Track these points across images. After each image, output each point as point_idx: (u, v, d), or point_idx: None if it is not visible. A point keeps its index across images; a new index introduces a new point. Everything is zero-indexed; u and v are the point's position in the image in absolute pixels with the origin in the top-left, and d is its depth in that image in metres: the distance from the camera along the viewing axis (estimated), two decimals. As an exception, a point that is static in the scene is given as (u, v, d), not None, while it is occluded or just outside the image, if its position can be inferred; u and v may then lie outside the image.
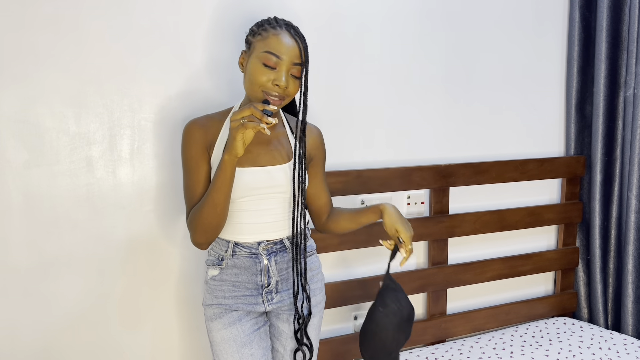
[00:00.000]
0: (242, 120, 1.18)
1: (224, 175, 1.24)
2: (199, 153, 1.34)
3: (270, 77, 1.27)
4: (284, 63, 1.27)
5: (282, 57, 1.27)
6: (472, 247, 2.13)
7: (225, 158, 1.22)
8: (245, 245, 1.36)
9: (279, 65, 1.27)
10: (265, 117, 1.18)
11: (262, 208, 1.35)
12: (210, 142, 1.35)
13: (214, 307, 1.38)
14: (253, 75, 1.28)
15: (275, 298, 1.39)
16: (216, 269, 1.39)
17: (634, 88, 2.10)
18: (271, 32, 1.29)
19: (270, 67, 1.27)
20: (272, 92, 1.28)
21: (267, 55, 1.27)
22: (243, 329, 1.36)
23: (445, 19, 1.97)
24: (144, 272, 1.63)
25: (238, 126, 1.18)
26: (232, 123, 1.19)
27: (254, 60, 1.29)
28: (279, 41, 1.27)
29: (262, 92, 1.28)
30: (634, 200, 2.09)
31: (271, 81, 1.27)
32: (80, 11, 1.47)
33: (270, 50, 1.27)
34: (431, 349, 1.98)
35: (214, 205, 1.26)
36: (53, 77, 1.46)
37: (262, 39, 1.29)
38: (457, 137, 2.06)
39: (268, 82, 1.27)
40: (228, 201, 1.28)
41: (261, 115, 1.18)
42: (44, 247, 1.51)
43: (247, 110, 1.18)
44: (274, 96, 1.28)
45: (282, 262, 1.39)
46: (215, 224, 1.29)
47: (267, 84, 1.27)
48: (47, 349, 1.55)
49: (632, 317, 2.13)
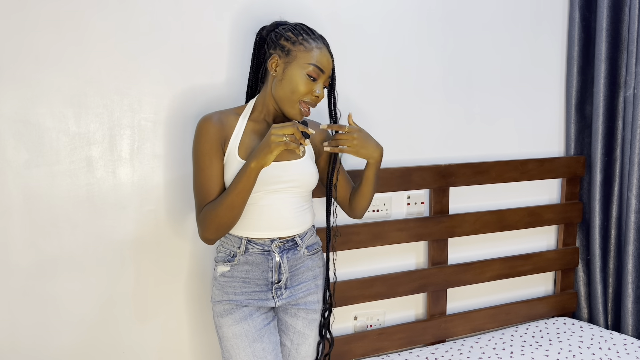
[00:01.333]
0: (285, 139, 1.23)
1: (248, 182, 1.28)
2: (213, 149, 1.35)
3: (312, 88, 1.35)
4: (324, 77, 1.36)
5: (325, 72, 1.35)
6: (472, 247, 2.13)
7: (252, 166, 1.26)
8: (258, 242, 1.38)
9: (320, 77, 1.35)
10: (303, 139, 1.25)
11: (276, 204, 1.37)
12: (225, 138, 1.37)
13: (224, 304, 1.39)
14: (296, 85, 1.33)
15: (285, 294, 1.41)
16: (226, 266, 1.40)
17: (634, 88, 2.10)
18: (314, 45, 1.35)
19: (314, 78, 1.34)
20: (310, 102, 1.36)
21: (314, 68, 1.34)
22: (254, 324, 1.38)
23: (446, 19, 1.97)
24: (144, 272, 1.63)
25: (280, 142, 1.23)
26: (274, 137, 1.23)
27: (296, 71, 1.33)
28: (323, 56, 1.35)
29: (298, 104, 1.35)
30: (634, 200, 2.09)
31: (311, 92, 1.35)
32: (81, 11, 1.47)
33: (317, 65, 1.34)
34: (431, 349, 1.98)
35: (231, 207, 1.29)
36: (53, 77, 1.46)
37: (305, 50, 1.34)
38: (457, 137, 2.06)
39: (310, 93, 1.35)
40: (245, 204, 1.31)
41: (301, 137, 1.25)
42: (44, 247, 1.51)
43: (291, 128, 1.24)
44: (309, 104, 1.36)
45: (294, 259, 1.42)
46: (229, 224, 1.32)
47: (308, 95, 1.35)
48: (47, 348, 1.55)
49: (632, 317, 2.13)
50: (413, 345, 2.02)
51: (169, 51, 1.57)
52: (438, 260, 2.03)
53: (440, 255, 2.04)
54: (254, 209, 1.36)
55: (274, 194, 1.37)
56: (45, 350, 1.55)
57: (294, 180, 1.38)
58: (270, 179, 1.35)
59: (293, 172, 1.38)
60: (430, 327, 2.04)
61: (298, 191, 1.40)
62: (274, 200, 1.37)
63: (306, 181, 1.40)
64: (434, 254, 2.03)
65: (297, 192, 1.40)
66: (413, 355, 1.93)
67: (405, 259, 2.02)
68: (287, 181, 1.37)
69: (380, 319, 1.99)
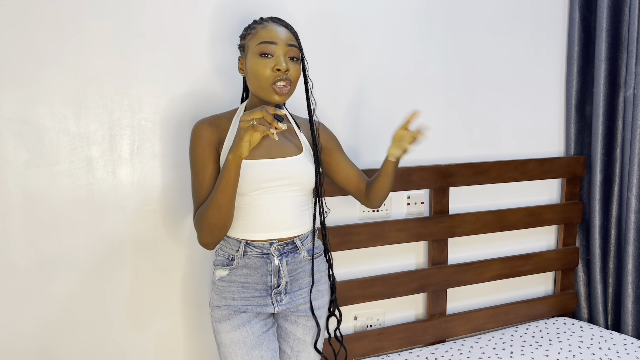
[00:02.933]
0: (253, 122, 1.18)
1: (228, 175, 1.24)
2: (207, 152, 1.34)
3: (270, 64, 1.30)
4: (280, 47, 1.30)
5: (276, 41, 1.30)
6: (472, 247, 2.13)
7: (229, 158, 1.23)
8: (257, 245, 1.36)
9: (275, 50, 1.30)
10: (275, 121, 1.19)
11: (274, 203, 1.35)
12: (219, 142, 1.36)
13: (222, 309, 1.37)
14: (255, 71, 1.31)
15: (285, 299, 1.39)
16: (225, 270, 1.38)
17: (634, 88, 2.10)
18: (259, 27, 1.33)
19: (268, 54, 1.30)
20: (278, 81, 1.30)
21: (261, 46, 1.30)
22: (253, 330, 1.35)
23: (446, 19, 1.97)
24: (144, 272, 1.63)
25: (248, 127, 1.18)
26: (242, 123, 1.19)
27: (251, 58, 1.32)
28: (268, 31, 1.31)
29: (270, 87, 1.30)
30: (634, 200, 2.09)
31: (272, 68, 1.29)
32: (81, 11, 1.47)
33: (264, 40, 1.30)
34: (431, 349, 1.98)
35: (218, 206, 1.26)
36: (53, 77, 1.46)
37: (252, 36, 1.33)
38: (457, 137, 2.06)
39: (270, 70, 1.30)
40: (233, 202, 1.28)
41: (272, 119, 1.19)
42: (44, 247, 1.51)
43: (259, 112, 1.18)
44: (281, 83, 1.30)
45: (293, 263, 1.39)
46: (220, 225, 1.29)
47: (270, 73, 1.30)
48: (47, 348, 1.55)
49: (632, 317, 2.13)
50: (413, 345, 2.02)
51: (169, 51, 1.57)
52: (438, 260, 2.04)
53: (440, 255, 2.04)
54: (251, 209, 1.34)
55: (271, 193, 1.34)
56: (45, 350, 1.55)
57: (290, 178, 1.35)
58: (264, 176, 1.32)
59: (288, 169, 1.35)
60: (430, 327, 2.04)
61: (296, 190, 1.37)
62: (272, 199, 1.34)
63: (303, 179, 1.37)
64: (434, 254, 2.03)
65: (295, 191, 1.37)
66: (413, 355, 1.93)
67: (405, 259, 2.02)
68: (283, 178, 1.34)
69: (380, 319, 1.99)
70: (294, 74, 1.32)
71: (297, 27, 1.70)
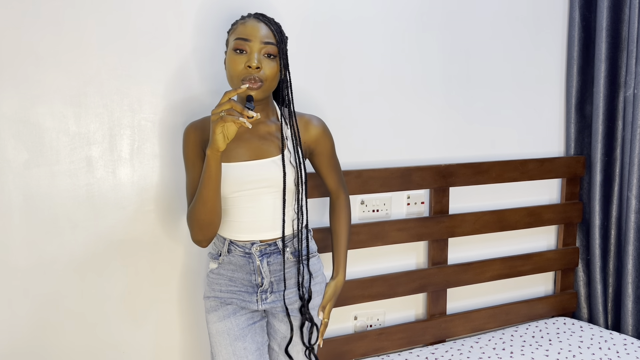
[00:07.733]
0: (222, 114, 1.17)
1: (209, 170, 1.25)
2: (194, 153, 1.37)
3: (243, 60, 1.27)
4: (254, 44, 1.27)
5: (249, 39, 1.28)
6: (472, 247, 2.13)
7: (207, 153, 1.23)
8: (240, 245, 1.38)
9: (249, 47, 1.28)
10: (246, 110, 1.17)
11: (257, 205, 1.35)
12: (205, 142, 1.37)
13: (211, 300, 1.41)
14: (229, 66, 1.30)
15: (270, 298, 1.40)
16: (215, 263, 1.42)
17: (634, 88, 2.10)
18: (240, 23, 1.32)
19: (243, 50, 1.27)
20: (248, 76, 1.27)
21: (236, 42, 1.29)
22: (237, 322, 1.38)
23: (445, 18, 1.97)
24: (144, 272, 1.63)
25: (217, 120, 1.17)
26: (212, 117, 1.18)
27: (228, 52, 1.31)
28: (246, 26, 1.29)
29: (241, 83, 1.27)
30: (634, 200, 2.09)
31: (244, 64, 1.27)
32: (81, 11, 1.47)
33: (238, 36, 1.29)
34: (431, 349, 1.98)
35: (203, 202, 1.28)
36: (53, 77, 1.46)
37: (233, 32, 1.32)
38: (457, 137, 2.06)
39: (242, 66, 1.27)
40: (218, 197, 1.28)
41: (242, 108, 1.16)
42: (44, 247, 1.51)
43: (227, 104, 1.17)
44: (251, 80, 1.27)
45: (276, 264, 1.39)
46: (208, 221, 1.30)
47: (242, 69, 1.27)
48: (46, 348, 1.55)
49: (632, 317, 2.13)
50: (413, 345, 2.02)
51: (169, 51, 1.57)
52: (438, 260, 2.03)
53: (440, 255, 2.04)
54: (235, 210, 1.35)
55: (253, 195, 1.33)
56: (45, 350, 1.55)
57: (266, 180, 1.33)
58: (242, 178, 1.32)
59: (264, 172, 1.33)
60: (430, 327, 2.04)
61: (275, 192, 1.34)
62: (252, 201, 1.34)
63: (279, 181, 1.33)
64: (434, 254, 2.02)
65: (274, 192, 1.34)
66: (413, 355, 1.93)
67: (405, 259, 2.02)
68: (259, 180, 1.32)
69: (380, 319, 1.99)
70: (267, 71, 1.28)
71: (297, 28, 1.70)
